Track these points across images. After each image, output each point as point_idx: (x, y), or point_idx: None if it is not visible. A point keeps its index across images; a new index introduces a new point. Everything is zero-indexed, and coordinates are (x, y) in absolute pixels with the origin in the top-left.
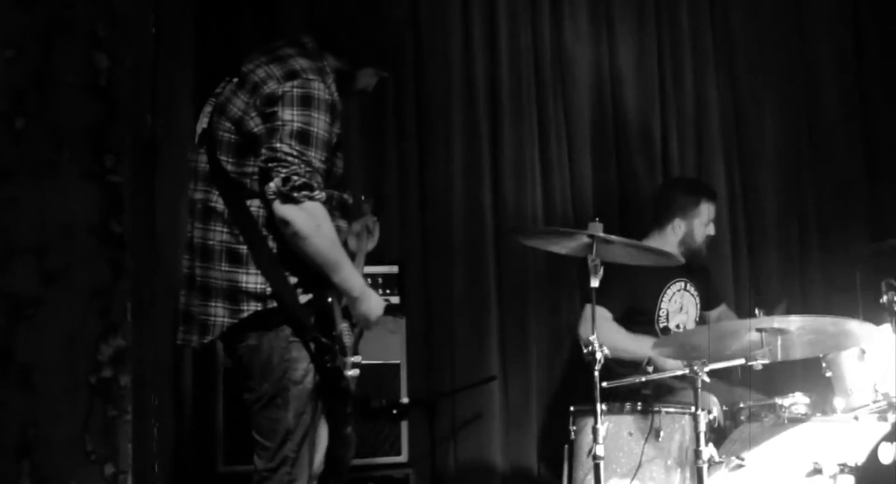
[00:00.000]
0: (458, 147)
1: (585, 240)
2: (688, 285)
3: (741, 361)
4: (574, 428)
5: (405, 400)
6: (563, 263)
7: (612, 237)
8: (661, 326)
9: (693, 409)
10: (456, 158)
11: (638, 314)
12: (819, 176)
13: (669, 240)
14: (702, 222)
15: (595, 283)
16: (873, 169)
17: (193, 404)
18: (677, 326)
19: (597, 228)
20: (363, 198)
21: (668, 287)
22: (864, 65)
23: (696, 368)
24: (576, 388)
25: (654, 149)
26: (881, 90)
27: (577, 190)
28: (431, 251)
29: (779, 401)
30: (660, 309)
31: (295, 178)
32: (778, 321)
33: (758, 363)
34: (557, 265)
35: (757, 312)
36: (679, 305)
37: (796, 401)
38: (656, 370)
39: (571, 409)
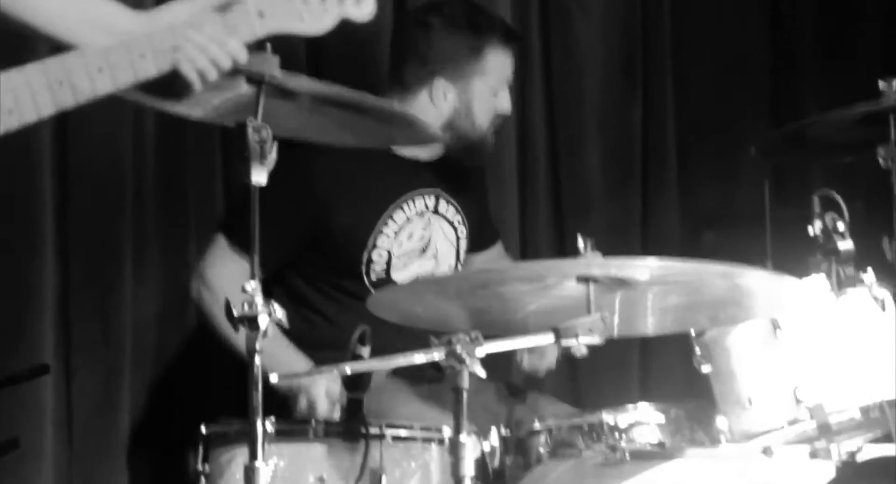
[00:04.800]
0: None
1: (244, 88)
2: (441, 201)
3: (547, 339)
4: (205, 468)
5: None
6: (193, 150)
7: (301, 79)
8: (375, 278)
9: (446, 431)
10: None
11: (328, 258)
12: None
13: (425, 116)
14: (487, 86)
15: (259, 177)
16: None
17: None
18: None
19: (269, 63)
20: None
21: (399, 205)
22: None
23: (460, 348)
24: (212, 388)
25: None
26: None
27: None
28: None
29: (608, 418)
30: (372, 246)
31: None
32: (618, 265)
33: (581, 343)
34: (179, 163)
35: (581, 243)
36: (421, 238)
37: (641, 419)
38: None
39: (202, 430)
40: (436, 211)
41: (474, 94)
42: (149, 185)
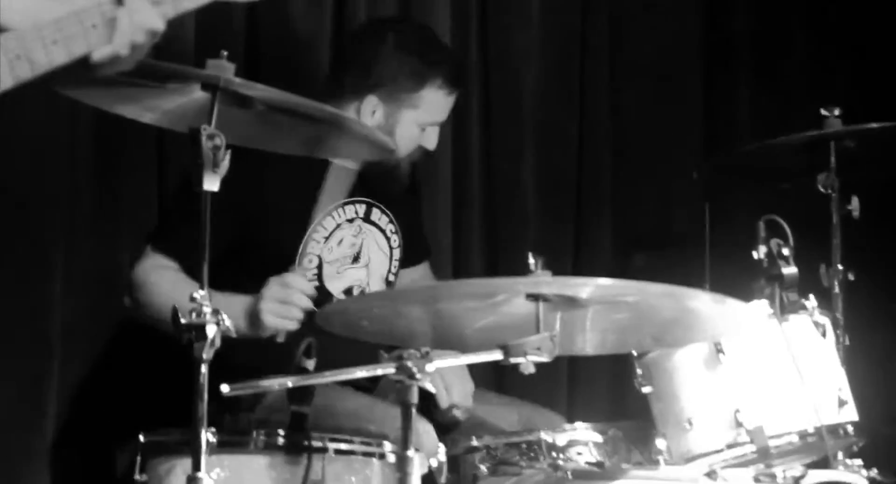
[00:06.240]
0: None
1: (197, 94)
2: (374, 210)
3: (495, 356)
4: (143, 478)
5: None
6: (129, 151)
7: (258, 86)
8: None
9: (387, 446)
10: None
11: (260, 267)
12: None
13: None
14: (414, 119)
15: (211, 185)
16: None
17: None
18: (347, 292)
19: (222, 68)
20: None
21: (329, 212)
22: None
23: (410, 363)
24: (152, 394)
25: None
26: None
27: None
28: None
29: (546, 437)
30: (303, 254)
31: None
32: (569, 284)
33: (529, 361)
34: (116, 160)
35: (532, 261)
36: (352, 245)
37: (579, 438)
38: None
39: (140, 439)
40: (367, 219)
41: (399, 122)
42: (82, 184)
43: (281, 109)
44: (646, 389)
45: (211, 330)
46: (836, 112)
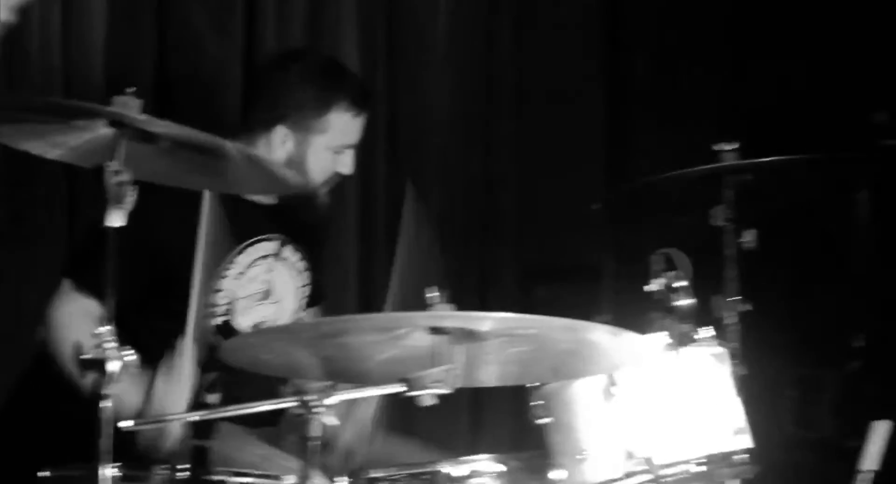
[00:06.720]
0: None
1: (104, 130)
2: (286, 248)
3: (398, 388)
4: None
5: None
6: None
7: (161, 123)
8: (218, 323)
9: (290, 479)
10: None
11: (171, 301)
12: None
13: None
14: (325, 144)
15: (115, 221)
16: None
17: None
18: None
19: (128, 105)
20: None
21: (242, 250)
22: None
23: (311, 397)
24: (50, 434)
25: None
26: None
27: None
28: None
29: (445, 469)
30: (215, 290)
31: None
32: (469, 318)
33: (429, 393)
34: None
35: (432, 295)
36: (263, 282)
37: (480, 469)
38: (229, 398)
39: (41, 475)
40: (278, 256)
41: (310, 149)
42: None
43: (187, 145)
44: (543, 421)
45: (114, 366)
46: (733, 146)
